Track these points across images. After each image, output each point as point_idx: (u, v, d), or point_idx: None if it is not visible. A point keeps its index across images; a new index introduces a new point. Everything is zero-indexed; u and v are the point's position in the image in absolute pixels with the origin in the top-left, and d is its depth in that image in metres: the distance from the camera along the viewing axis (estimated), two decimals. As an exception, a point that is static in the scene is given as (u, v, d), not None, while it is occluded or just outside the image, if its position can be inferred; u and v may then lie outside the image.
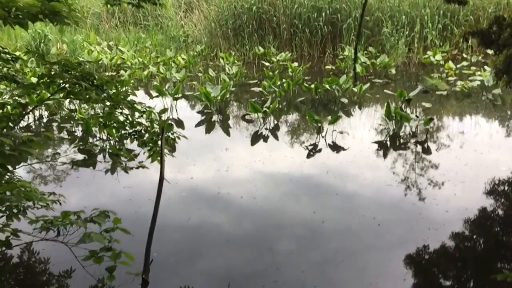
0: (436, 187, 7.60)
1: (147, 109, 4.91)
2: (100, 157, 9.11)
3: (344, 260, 5.62)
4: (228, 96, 12.82)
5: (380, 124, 10.91)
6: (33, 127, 11.17)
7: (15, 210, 2.67)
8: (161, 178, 2.23)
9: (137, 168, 8.21)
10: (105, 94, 4.16)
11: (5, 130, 3.42)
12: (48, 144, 9.89)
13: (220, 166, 8.51)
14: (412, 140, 9.93)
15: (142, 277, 1.74)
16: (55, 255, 5.68)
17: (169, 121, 10.62)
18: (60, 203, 4.67)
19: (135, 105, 4.48)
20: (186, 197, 7.36)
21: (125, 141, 9.24)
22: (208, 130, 10.97)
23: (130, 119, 4.67)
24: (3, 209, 2.55)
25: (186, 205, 7.13)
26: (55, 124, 11.34)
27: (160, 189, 2.07)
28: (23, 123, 11.08)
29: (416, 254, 5.75)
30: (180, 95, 12.72)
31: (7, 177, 3.63)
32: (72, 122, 10.99)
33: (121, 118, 4.77)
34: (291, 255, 5.73)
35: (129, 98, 4.42)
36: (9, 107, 5.05)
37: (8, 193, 3.47)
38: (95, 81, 4.15)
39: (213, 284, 5.18)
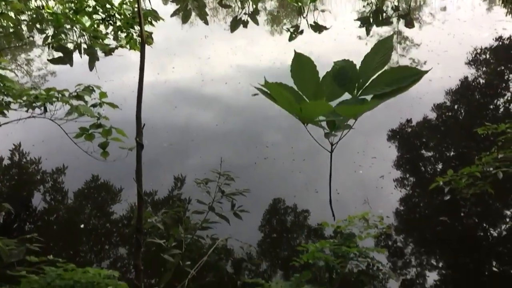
0: (420, 57, 7.59)
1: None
2: (76, 54, 8.79)
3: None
4: (202, -20, 12.15)
5: (363, 0, 10.56)
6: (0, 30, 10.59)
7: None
8: (143, 42, 2.15)
9: (117, 48, 7.97)
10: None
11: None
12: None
13: (201, 54, 8.32)
14: (395, 14, 9.72)
15: (136, 140, 1.76)
16: (46, 134, 5.71)
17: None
18: (42, 98, 4.57)
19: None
20: (169, 86, 7.27)
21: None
22: (185, 19, 10.53)
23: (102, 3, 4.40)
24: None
25: (170, 94, 7.06)
26: (23, 26, 10.75)
27: (143, 51, 2.00)
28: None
29: (400, 124, 5.89)
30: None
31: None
32: (41, 18, 10.39)
33: (92, 3, 4.49)
34: (280, 137, 5.84)
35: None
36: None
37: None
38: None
39: (210, 159, 5.30)
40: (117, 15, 4.49)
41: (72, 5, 4.42)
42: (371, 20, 9.67)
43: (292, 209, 4.58)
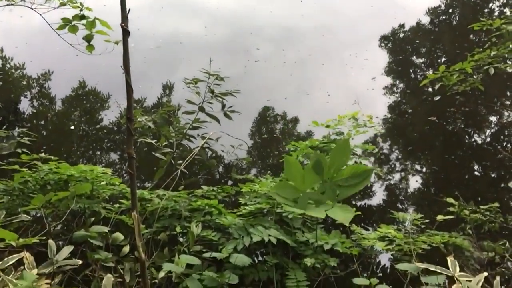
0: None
1: None
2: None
3: (324, 34, 5.61)
4: None
5: None
6: None
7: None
8: None
9: None
10: None
11: None
12: None
13: None
14: None
15: (121, 25, 1.67)
16: (28, 36, 5.56)
17: None
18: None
19: None
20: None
21: None
22: None
23: None
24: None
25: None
26: None
27: None
28: None
29: (392, 29, 5.76)
30: None
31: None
32: None
33: None
34: (271, 41, 5.69)
35: None
36: None
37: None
38: None
39: (199, 63, 5.19)
40: None
41: None
42: None
43: (283, 116, 4.57)
